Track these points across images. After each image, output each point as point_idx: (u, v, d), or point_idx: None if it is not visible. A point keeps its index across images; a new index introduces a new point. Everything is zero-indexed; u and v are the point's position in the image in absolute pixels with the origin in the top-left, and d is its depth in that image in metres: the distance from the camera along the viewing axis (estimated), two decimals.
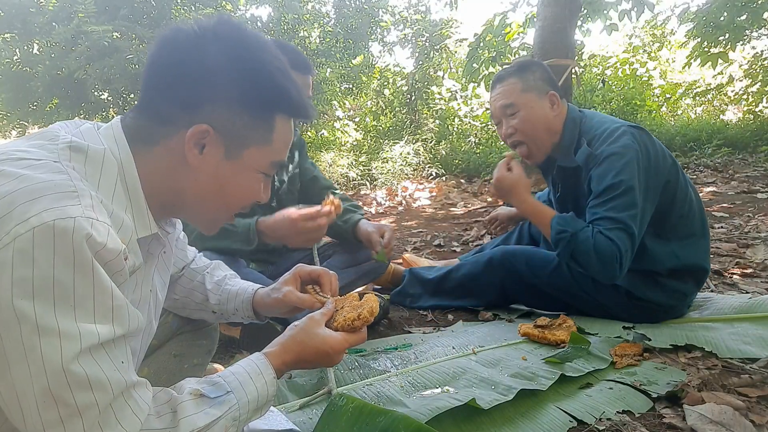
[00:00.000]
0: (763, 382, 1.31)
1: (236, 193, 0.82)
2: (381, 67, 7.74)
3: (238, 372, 0.80)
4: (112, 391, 0.64)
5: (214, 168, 0.78)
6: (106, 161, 0.72)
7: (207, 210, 0.84)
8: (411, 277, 2.16)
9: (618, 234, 1.54)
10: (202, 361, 1.18)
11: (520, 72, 1.78)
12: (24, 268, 0.59)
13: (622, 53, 9.28)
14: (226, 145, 0.78)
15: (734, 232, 3.08)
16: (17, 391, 0.60)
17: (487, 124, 7.99)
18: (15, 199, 0.61)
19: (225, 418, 0.74)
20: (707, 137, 6.47)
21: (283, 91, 0.80)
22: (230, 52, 0.76)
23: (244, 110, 0.77)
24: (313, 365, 0.90)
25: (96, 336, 0.63)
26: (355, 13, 5.83)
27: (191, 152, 0.76)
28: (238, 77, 0.76)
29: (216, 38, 0.76)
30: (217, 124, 0.76)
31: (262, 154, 0.81)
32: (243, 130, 0.78)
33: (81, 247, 0.61)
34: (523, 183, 1.76)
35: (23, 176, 0.63)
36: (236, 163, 0.79)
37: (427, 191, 5.88)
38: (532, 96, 1.75)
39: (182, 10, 4.62)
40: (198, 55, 0.75)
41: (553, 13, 4.43)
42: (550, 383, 1.33)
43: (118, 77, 4.50)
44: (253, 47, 0.78)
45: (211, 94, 0.76)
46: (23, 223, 0.59)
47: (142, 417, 0.67)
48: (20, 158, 0.66)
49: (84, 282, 0.62)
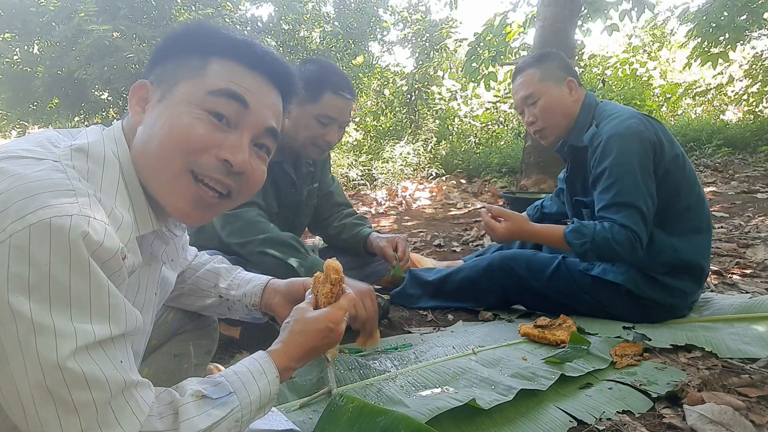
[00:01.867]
0: (763, 382, 1.31)
1: (179, 133, 0.75)
2: (381, 67, 7.74)
3: (240, 371, 0.80)
4: (110, 390, 0.64)
5: (154, 116, 0.77)
6: (107, 160, 0.73)
7: (165, 167, 0.76)
8: (411, 279, 2.16)
9: (629, 217, 1.59)
10: (202, 361, 1.18)
11: (538, 62, 1.84)
12: (20, 265, 0.59)
13: (622, 53, 9.29)
14: (162, 90, 0.78)
15: (734, 232, 3.08)
16: (17, 386, 0.60)
17: (487, 124, 7.99)
18: (12, 196, 0.61)
19: (227, 420, 0.74)
20: (707, 137, 6.47)
21: (218, 35, 0.81)
22: (188, 27, 0.81)
23: (178, 56, 0.80)
24: (321, 347, 0.90)
25: (92, 335, 0.62)
26: (356, 13, 5.83)
27: (135, 112, 0.78)
28: (180, 34, 0.81)
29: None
30: (155, 77, 0.80)
31: (194, 87, 0.77)
32: (172, 70, 0.79)
33: (77, 245, 0.61)
34: (519, 220, 1.80)
35: (22, 174, 0.63)
36: (168, 101, 0.77)
37: (427, 191, 5.88)
38: (550, 84, 1.82)
39: (182, 10, 4.61)
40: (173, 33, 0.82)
41: (553, 13, 4.43)
42: (550, 383, 1.33)
43: (118, 77, 4.51)
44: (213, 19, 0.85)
45: (161, 57, 0.81)
46: (20, 220, 0.59)
47: (142, 418, 0.67)
48: (21, 156, 0.67)
49: (80, 280, 0.62)
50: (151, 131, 0.76)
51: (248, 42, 0.81)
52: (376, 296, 1.93)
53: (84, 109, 5.22)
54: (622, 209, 1.61)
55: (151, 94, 0.79)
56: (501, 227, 1.79)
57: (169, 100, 0.77)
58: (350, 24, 5.72)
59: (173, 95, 0.77)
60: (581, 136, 1.78)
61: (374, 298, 1.28)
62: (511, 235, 1.79)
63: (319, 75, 1.69)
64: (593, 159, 1.70)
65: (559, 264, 1.85)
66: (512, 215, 1.80)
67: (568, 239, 1.68)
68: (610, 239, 1.60)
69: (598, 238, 1.61)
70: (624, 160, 1.61)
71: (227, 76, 0.78)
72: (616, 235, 1.59)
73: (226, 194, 0.80)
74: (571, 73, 1.84)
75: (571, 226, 1.69)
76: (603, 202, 1.65)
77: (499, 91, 7.75)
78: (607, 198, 1.63)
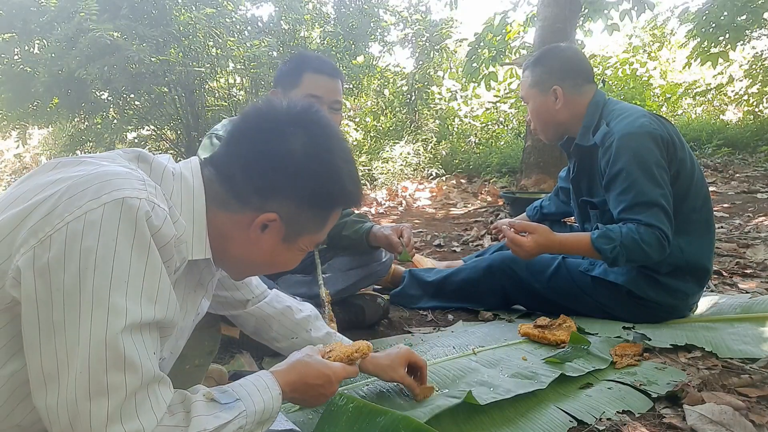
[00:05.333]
0: (763, 382, 1.31)
1: (279, 265, 0.92)
2: (381, 68, 7.73)
3: (245, 384, 0.83)
4: (142, 376, 0.66)
5: (271, 247, 0.86)
6: (166, 173, 0.81)
7: (247, 270, 0.95)
8: (411, 279, 2.16)
9: (653, 216, 1.57)
10: (203, 362, 1.18)
11: (533, 65, 1.87)
12: (91, 239, 0.65)
13: (622, 53, 9.28)
14: (286, 231, 0.85)
15: (734, 232, 3.08)
16: (59, 360, 0.63)
17: (487, 124, 7.99)
18: (91, 179, 0.69)
19: (232, 424, 0.75)
20: (707, 137, 6.47)
21: (347, 193, 0.87)
22: (310, 150, 0.82)
23: (310, 208, 0.85)
24: (312, 390, 0.93)
25: (139, 315, 0.66)
26: (356, 13, 5.82)
27: (255, 231, 0.84)
28: (313, 178, 0.83)
29: (301, 129, 0.83)
30: (284, 214, 0.83)
31: (312, 240, 0.90)
32: (303, 222, 0.86)
33: (142, 224, 0.68)
34: (544, 231, 1.70)
35: (101, 165, 0.74)
36: (290, 246, 0.88)
37: (427, 191, 5.88)
38: (536, 92, 1.84)
39: (183, 10, 4.61)
40: (281, 146, 0.81)
41: (553, 12, 4.43)
42: (550, 383, 1.33)
43: (118, 77, 4.50)
44: (332, 145, 0.85)
45: (285, 188, 0.83)
46: (96, 200, 0.67)
47: (159, 415, 0.68)
48: (98, 156, 0.78)
49: (139, 259, 0.67)
50: (267, 257, 0.88)
51: (358, 195, 0.90)
52: (376, 296, 1.94)
53: (84, 109, 5.22)
54: (644, 209, 1.58)
55: (274, 227, 0.84)
56: (528, 242, 1.68)
57: (292, 247, 0.88)
58: (351, 24, 5.71)
59: (296, 244, 0.88)
60: (588, 135, 1.76)
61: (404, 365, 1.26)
62: (539, 248, 1.69)
63: (297, 61, 1.73)
64: (605, 158, 1.67)
65: (559, 265, 1.85)
66: (537, 227, 1.72)
67: (596, 246, 1.61)
68: (638, 240, 1.55)
69: (626, 241, 1.57)
70: (640, 159, 1.59)
71: (331, 226, 0.92)
72: (644, 235, 1.55)
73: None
74: (564, 76, 1.80)
75: (597, 232, 1.63)
76: (624, 203, 1.61)
77: (499, 91, 7.74)
78: (627, 199, 1.60)
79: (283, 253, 0.89)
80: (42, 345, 0.64)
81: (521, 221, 1.80)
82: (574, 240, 1.70)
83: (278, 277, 1.86)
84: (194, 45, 4.75)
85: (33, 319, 0.64)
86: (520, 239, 1.70)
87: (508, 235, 1.73)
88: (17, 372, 0.69)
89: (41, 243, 0.64)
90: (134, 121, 5.56)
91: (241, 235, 0.84)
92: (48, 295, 0.63)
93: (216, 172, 0.84)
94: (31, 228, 0.65)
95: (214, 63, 5.01)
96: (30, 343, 0.65)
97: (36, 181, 0.72)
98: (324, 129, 0.85)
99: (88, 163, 0.75)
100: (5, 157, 8.77)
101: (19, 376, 0.69)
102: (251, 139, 0.83)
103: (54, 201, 0.67)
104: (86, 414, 0.63)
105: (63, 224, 0.65)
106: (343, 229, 1.97)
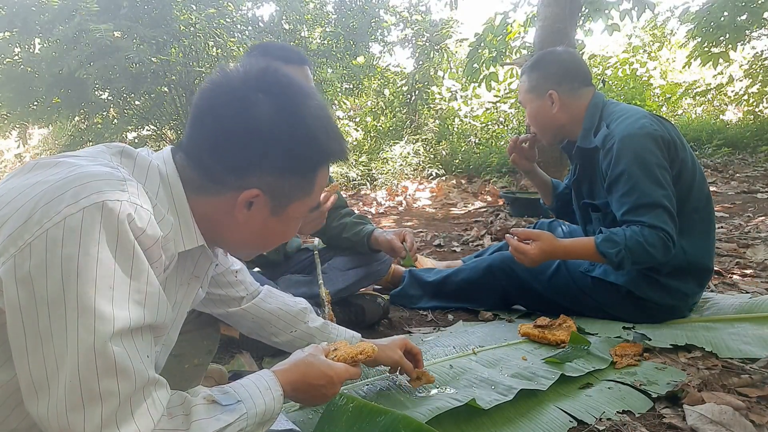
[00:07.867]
0: (763, 382, 1.31)
1: (276, 239, 0.90)
2: (381, 67, 7.73)
3: (246, 384, 0.82)
4: (135, 381, 0.65)
5: (261, 223, 0.84)
6: (151, 169, 0.78)
7: (245, 249, 0.93)
8: (410, 279, 2.16)
9: (657, 217, 1.56)
10: (202, 361, 1.18)
11: (530, 69, 1.86)
12: (72, 246, 0.62)
13: (622, 53, 9.27)
14: (273, 203, 0.82)
15: (734, 232, 3.08)
16: (47, 369, 0.62)
17: (487, 124, 7.99)
18: (69, 182, 0.66)
19: (233, 426, 0.75)
20: (707, 137, 6.47)
21: (326, 150, 0.83)
22: (275, 115, 0.77)
23: (291, 175, 0.81)
24: (313, 390, 0.92)
25: (127, 320, 0.65)
26: (356, 13, 5.81)
27: (241, 211, 0.81)
28: (286, 144, 0.78)
29: (261, 93, 0.77)
30: (265, 187, 0.80)
31: (303, 205, 0.86)
32: (288, 190, 0.82)
33: (125, 228, 0.65)
34: (548, 238, 1.69)
35: (79, 165, 0.70)
36: (281, 217, 0.85)
37: (427, 191, 5.88)
38: (532, 97, 1.84)
39: (183, 10, 4.60)
40: (245, 116, 0.76)
41: (554, 12, 4.43)
42: (550, 383, 1.33)
43: (118, 77, 4.50)
44: (298, 103, 0.80)
45: (260, 161, 0.78)
46: (75, 204, 0.64)
47: (156, 417, 0.67)
48: (77, 156, 0.75)
49: (124, 264, 0.65)
50: (259, 234, 0.85)
51: (342, 146, 0.86)
52: (376, 296, 1.94)
53: (84, 108, 5.22)
54: (647, 210, 1.56)
55: (259, 202, 0.81)
56: (533, 249, 1.66)
57: (283, 218, 0.85)
58: (351, 24, 5.70)
59: (287, 213, 0.85)
60: (589, 137, 1.76)
61: (403, 349, 1.29)
62: (544, 255, 1.66)
63: (259, 53, 1.70)
64: (606, 161, 1.66)
65: (559, 265, 1.85)
66: (540, 234, 1.68)
67: (601, 250, 1.59)
68: (642, 243, 1.54)
69: (630, 244, 1.55)
70: (641, 161, 1.58)
71: (322, 186, 0.88)
72: (648, 237, 1.54)
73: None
74: (560, 80, 1.79)
75: (600, 237, 1.61)
76: (626, 205, 1.60)
77: (499, 91, 7.74)
78: (630, 201, 1.59)
79: (276, 226, 0.85)
80: (29, 354, 0.63)
81: (524, 229, 1.77)
82: (579, 245, 1.69)
83: (278, 277, 1.86)
84: (195, 45, 4.74)
85: (19, 329, 0.63)
86: (524, 247, 1.68)
87: (512, 244, 1.71)
88: (10, 379, 0.68)
89: (21, 251, 0.62)
90: (134, 121, 5.55)
91: (228, 218, 0.82)
92: (32, 304, 0.62)
93: (186, 156, 0.81)
94: (10, 236, 0.63)
95: (214, 63, 5.00)
96: (18, 351, 0.63)
97: (12, 185, 0.70)
98: (286, 89, 0.79)
99: (66, 164, 0.71)
100: (5, 157, 8.77)
101: (13, 382, 0.68)
102: (213, 115, 0.78)
103: (31, 207, 0.64)
104: (80, 421, 0.62)
105: (42, 231, 0.62)
106: (344, 231, 1.97)
